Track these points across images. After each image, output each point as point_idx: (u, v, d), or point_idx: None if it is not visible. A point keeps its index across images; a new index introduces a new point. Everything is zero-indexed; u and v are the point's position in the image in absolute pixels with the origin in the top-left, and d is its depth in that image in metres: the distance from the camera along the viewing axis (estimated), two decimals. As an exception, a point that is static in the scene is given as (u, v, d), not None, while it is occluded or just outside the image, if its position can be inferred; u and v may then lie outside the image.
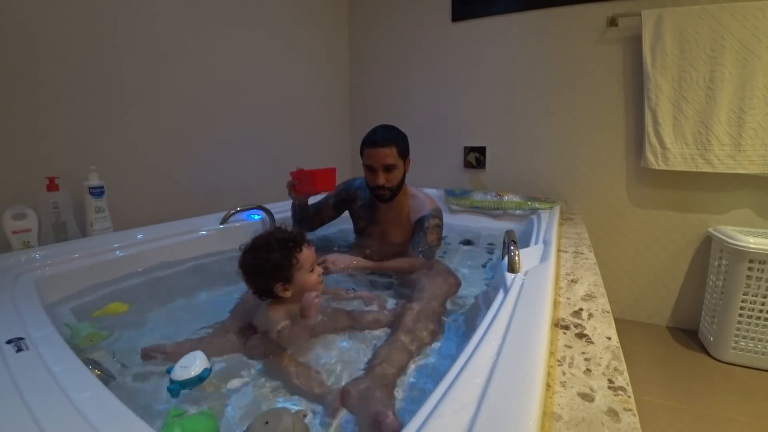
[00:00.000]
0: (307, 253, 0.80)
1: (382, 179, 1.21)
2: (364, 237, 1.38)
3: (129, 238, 1.12)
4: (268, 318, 0.76)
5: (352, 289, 1.01)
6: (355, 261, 1.12)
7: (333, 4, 2.24)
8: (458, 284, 1.04)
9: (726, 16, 1.53)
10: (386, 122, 1.35)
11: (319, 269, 0.83)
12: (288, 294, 0.79)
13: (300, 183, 1.23)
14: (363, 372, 0.70)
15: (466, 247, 1.51)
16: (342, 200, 1.40)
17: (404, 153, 1.23)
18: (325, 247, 1.46)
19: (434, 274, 1.09)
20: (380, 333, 0.85)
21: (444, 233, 1.33)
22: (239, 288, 0.97)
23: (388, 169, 1.20)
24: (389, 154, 1.19)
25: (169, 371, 0.60)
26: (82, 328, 0.76)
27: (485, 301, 0.87)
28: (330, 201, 1.41)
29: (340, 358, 0.76)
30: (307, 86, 2.05)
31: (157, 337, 0.81)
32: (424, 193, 1.36)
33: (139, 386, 0.67)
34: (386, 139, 1.19)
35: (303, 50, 2.01)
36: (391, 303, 0.98)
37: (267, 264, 0.76)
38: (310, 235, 1.57)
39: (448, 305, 0.95)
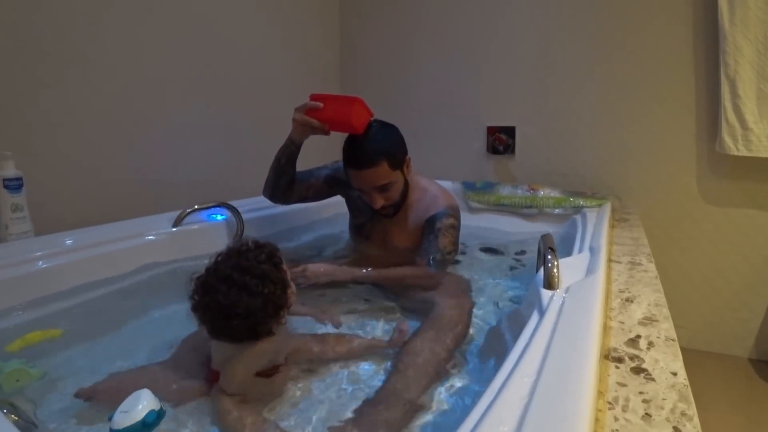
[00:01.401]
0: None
1: (379, 201, 1.20)
2: (363, 238, 1.38)
3: (55, 245, 1.11)
4: (251, 360, 0.73)
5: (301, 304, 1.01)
6: (339, 271, 1.11)
7: (318, -57, 2.24)
8: (472, 305, 1.05)
9: (825, -43, 1.53)
10: (387, 100, 1.34)
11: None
12: (285, 321, 0.77)
13: (325, 108, 1.15)
14: (358, 419, 0.70)
15: (488, 257, 1.51)
16: (338, 179, 1.36)
17: (399, 162, 1.20)
18: (311, 255, 1.45)
19: (444, 291, 1.09)
20: (375, 366, 0.85)
21: (461, 237, 1.33)
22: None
23: (384, 188, 1.19)
24: (379, 174, 1.15)
25: (110, 418, 0.60)
26: (8, 365, 0.75)
27: (514, 326, 0.87)
28: (323, 172, 1.36)
29: (323, 403, 0.75)
30: (282, 53, 2.05)
31: (96, 372, 0.80)
32: (438, 185, 1.36)
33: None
34: (371, 155, 1.14)
35: (279, 7, 2.01)
36: (385, 329, 0.99)
37: (270, 298, 0.72)
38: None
39: (465, 332, 0.95)
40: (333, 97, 1.19)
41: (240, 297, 0.69)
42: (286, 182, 1.30)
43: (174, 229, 1.34)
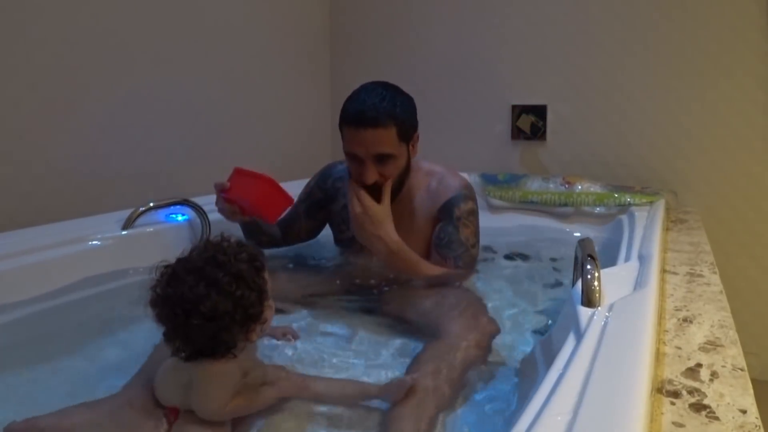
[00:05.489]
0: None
1: (372, 175, 1.18)
2: (355, 250, 1.37)
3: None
4: (217, 381, 0.75)
5: None
6: (384, 234, 1.18)
7: None
8: (493, 330, 1.04)
9: None
10: (386, 67, 1.33)
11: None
12: (254, 339, 0.80)
13: (245, 204, 1.23)
14: None
15: (513, 266, 1.51)
16: (317, 202, 1.42)
17: (409, 132, 1.21)
18: (281, 265, 1.45)
19: (458, 311, 1.08)
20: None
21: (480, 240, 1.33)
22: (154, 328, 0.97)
23: (383, 159, 1.18)
24: (384, 139, 1.16)
25: None
26: None
27: (545, 352, 0.88)
28: (301, 208, 1.42)
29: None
30: (258, 8, 2.05)
31: (28, 409, 0.79)
32: (444, 166, 1.37)
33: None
34: (379, 114, 1.14)
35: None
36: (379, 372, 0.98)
37: (242, 303, 0.74)
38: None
39: (482, 361, 0.96)
40: (241, 196, 1.23)
41: (207, 293, 0.72)
42: (269, 243, 1.40)
43: (124, 233, 1.33)
